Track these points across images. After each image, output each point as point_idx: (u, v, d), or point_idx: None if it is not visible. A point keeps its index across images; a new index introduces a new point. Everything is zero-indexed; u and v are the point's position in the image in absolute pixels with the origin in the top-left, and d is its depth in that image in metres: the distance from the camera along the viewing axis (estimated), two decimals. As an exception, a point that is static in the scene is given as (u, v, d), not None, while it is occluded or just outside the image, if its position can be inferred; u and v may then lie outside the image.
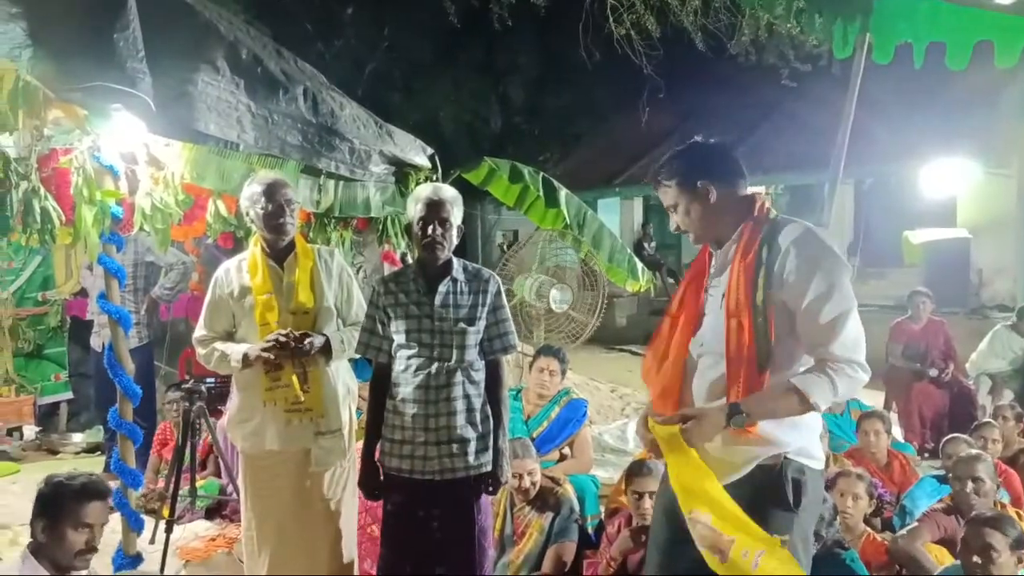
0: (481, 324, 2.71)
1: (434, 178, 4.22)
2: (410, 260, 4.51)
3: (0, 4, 2.51)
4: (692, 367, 2.11)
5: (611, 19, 9.63)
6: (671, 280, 12.26)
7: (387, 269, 4.75)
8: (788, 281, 1.94)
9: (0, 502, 4.66)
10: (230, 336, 3.00)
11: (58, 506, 2.32)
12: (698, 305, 2.14)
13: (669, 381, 2.13)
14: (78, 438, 6.06)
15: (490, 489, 2.75)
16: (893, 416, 5.51)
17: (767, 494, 1.98)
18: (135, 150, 3.06)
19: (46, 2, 2.63)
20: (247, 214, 2.96)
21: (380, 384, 2.75)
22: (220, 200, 3.47)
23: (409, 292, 2.71)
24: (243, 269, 2.98)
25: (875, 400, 5.98)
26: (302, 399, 2.89)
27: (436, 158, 4.23)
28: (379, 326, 2.75)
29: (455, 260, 2.74)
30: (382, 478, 2.75)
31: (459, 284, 2.71)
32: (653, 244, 13.21)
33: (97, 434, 5.84)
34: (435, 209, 2.64)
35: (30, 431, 6.02)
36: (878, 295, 9.78)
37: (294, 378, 2.87)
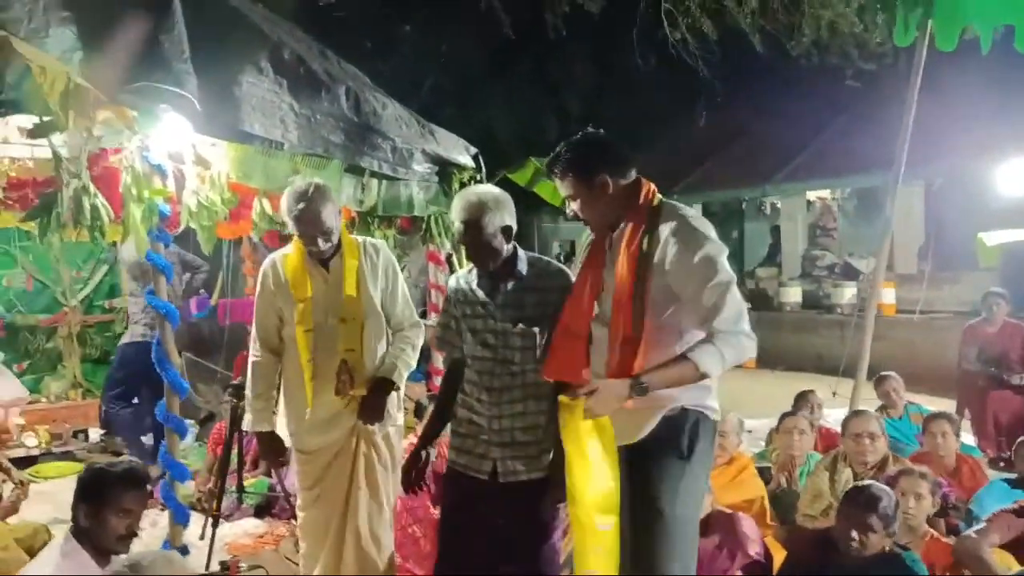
0: (547, 324, 2.51)
1: (478, 178, 4.21)
2: (455, 261, 4.51)
3: (53, 8, 2.60)
4: (593, 342, 2.29)
5: (666, 23, 9.53)
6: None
7: (432, 269, 4.75)
8: (671, 269, 2.13)
9: (65, 498, 4.78)
10: (279, 332, 3.02)
11: (100, 492, 2.37)
12: (597, 285, 2.29)
13: (573, 354, 2.28)
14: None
15: (554, 495, 2.53)
16: (965, 423, 5.22)
17: (664, 443, 2.20)
18: (182, 150, 3.12)
19: (96, 6, 2.71)
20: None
21: (451, 378, 2.73)
22: (265, 199, 3.52)
23: (475, 292, 2.64)
24: (288, 264, 2.98)
25: (946, 408, 5.67)
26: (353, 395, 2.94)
27: (480, 157, 4.22)
28: (453, 322, 2.71)
29: (521, 257, 2.60)
30: (435, 471, 2.73)
31: (523, 283, 2.58)
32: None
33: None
34: (467, 231, 2.54)
35: (95, 434, 6.21)
36: (952, 300, 9.34)
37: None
